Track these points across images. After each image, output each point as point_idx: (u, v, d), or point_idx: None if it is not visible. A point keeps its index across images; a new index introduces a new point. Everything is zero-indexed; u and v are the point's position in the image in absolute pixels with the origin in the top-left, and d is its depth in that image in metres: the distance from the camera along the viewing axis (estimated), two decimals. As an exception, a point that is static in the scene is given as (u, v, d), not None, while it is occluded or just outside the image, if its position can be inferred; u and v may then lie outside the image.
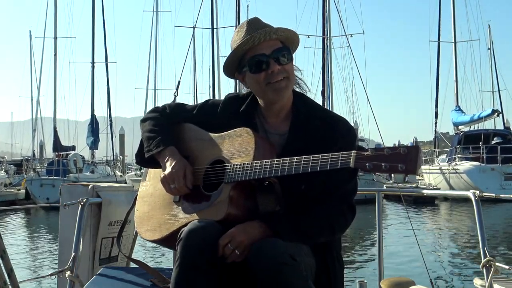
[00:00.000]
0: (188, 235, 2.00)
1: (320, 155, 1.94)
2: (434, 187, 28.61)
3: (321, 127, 2.23)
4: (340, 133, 2.22)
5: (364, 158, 1.84)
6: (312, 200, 2.16)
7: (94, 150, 35.86)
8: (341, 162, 1.88)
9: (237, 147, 2.19)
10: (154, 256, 11.25)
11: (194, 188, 2.22)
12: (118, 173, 36.38)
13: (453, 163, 27.94)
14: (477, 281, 5.44)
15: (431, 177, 30.86)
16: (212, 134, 2.31)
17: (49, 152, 42.17)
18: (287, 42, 2.27)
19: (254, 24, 2.26)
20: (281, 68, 2.21)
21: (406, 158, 1.78)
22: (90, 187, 3.39)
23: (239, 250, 2.00)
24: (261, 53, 2.21)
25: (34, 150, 45.83)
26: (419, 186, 29.04)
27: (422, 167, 33.46)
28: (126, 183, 25.93)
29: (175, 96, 5.92)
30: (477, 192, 2.88)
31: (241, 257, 2.00)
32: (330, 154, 1.92)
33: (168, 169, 2.22)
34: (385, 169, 1.80)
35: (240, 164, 2.11)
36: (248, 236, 2.01)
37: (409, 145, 1.86)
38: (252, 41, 2.21)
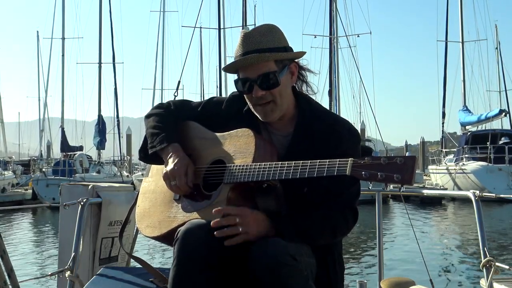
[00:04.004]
0: (185, 235, 2.00)
1: (318, 161, 1.93)
2: (441, 187, 28.53)
3: (325, 130, 2.22)
4: (344, 135, 2.21)
5: (361, 167, 1.83)
6: (314, 203, 2.15)
7: (101, 150, 35.98)
8: (338, 169, 1.88)
9: (237, 148, 2.19)
10: (154, 256, 11.26)
11: (194, 187, 2.23)
12: (125, 173, 36.48)
13: (460, 163, 27.86)
14: (483, 282, 5.40)
15: (438, 177, 30.78)
16: (214, 133, 2.31)
17: (56, 152, 42.35)
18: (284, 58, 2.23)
19: (248, 40, 2.21)
20: (266, 93, 2.19)
21: (402, 168, 1.77)
22: (90, 187, 3.39)
23: (244, 230, 1.97)
24: (246, 77, 2.21)
25: (41, 150, 45.99)
26: (426, 186, 28.95)
27: (429, 167, 33.43)
28: (133, 183, 25.99)
29: (175, 96, 5.94)
30: (477, 192, 2.87)
31: (239, 240, 1.97)
32: (328, 160, 1.91)
33: (170, 165, 2.21)
34: (381, 178, 1.80)
35: (240, 165, 2.11)
36: (257, 224, 2.00)
37: (406, 154, 1.85)
38: (240, 64, 2.21)
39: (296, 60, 2.30)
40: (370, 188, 2.22)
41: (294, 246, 1.96)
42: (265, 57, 2.16)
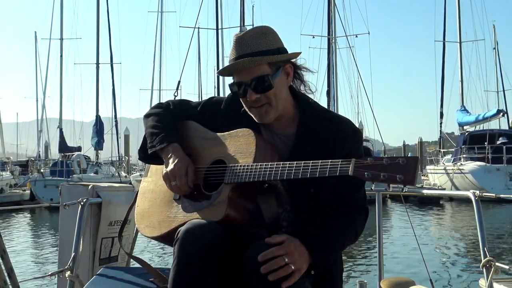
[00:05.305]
0: (185, 235, 1.99)
1: (320, 161, 1.92)
2: (439, 187, 28.54)
3: (328, 129, 2.21)
4: (347, 134, 2.21)
5: (363, 167, 1.82)
6: (321, 202, 2.15)
7: (99, 151, 35.97)
8: (340, 170, 1.87)
9: (238, 148, 2.18)
10: (154, 256, 11.25)
11: (195, 187, 2.22)
12: (123, 174, 36.47)
13: (458, 163, 27.89)
14: (482, 282, 5.41)
15: (436, 177, 30.80)
16: (214, 133, 2.31)
17: (54, 153, 42.33)
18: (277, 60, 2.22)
19: (241, 43, 2.20)
20: (260, 96, 2.18)
21: (405, 169, 1.76)
22: (90, 187, 3.38)
23: (295, 268, 1.90)
24: (240, 80, 2.20)
25: (39, 151, 45.96)
26: (424, 186, 28.98)
27: (427, 167, 33.45)
28: (131, 183, 25.97)
29: (175, 96, 5.94)
30: (477, 192, 2.87)
31: (296, 278, 1.90)
32: (330, 161, 1.90)
33: (171, 166, 2.20)
34: (383, 178, 1.79)
35: (241, 166, 2.10)
36: (303, 258, 1.95)
37: (408, 155, 1.84)
38: (233, 68, 2.21)
39: (293, 60, 2.28)
40: (372, 188, 2.22)
41: None
42: (257, 60, 2.15)
